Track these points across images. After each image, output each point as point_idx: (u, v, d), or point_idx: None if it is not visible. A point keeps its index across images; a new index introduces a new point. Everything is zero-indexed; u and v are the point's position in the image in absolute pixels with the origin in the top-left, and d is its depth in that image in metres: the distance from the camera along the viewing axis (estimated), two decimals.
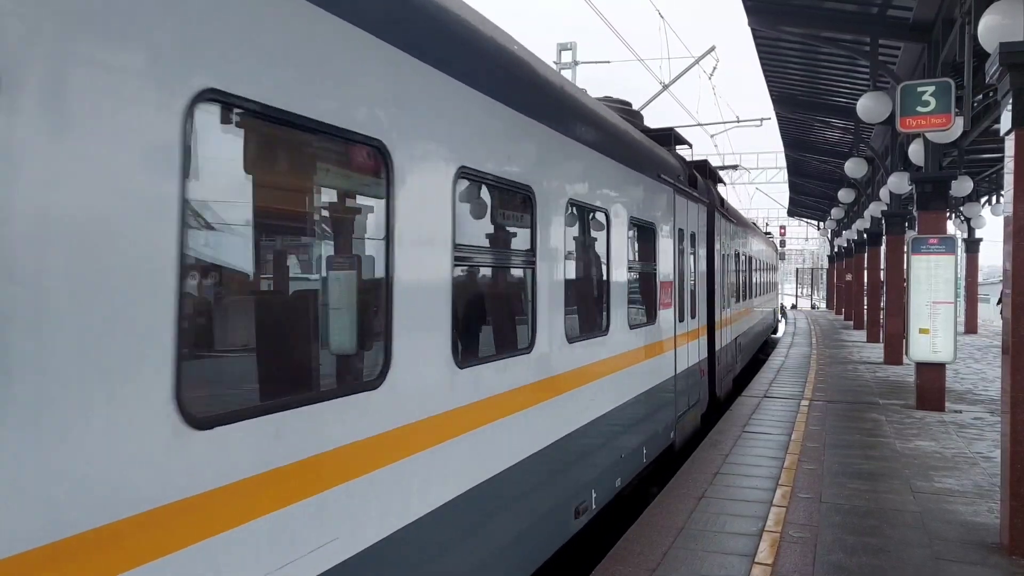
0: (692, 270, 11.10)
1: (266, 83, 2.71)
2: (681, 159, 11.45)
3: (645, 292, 8.52)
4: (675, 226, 9.77)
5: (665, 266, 9.18)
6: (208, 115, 2.54)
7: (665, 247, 9.23)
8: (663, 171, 9.13)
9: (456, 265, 4.19)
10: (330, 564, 3.08)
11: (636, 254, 8.18)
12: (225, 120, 2.70)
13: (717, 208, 13.73)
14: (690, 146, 12.63)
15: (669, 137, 11.37)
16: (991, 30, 7.69)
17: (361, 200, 3.75)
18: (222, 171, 2.88)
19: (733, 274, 16.29)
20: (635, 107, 11.38)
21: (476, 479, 4.43)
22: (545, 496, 5.53)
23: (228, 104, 2.59)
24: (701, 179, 12.36)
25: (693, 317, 11.05)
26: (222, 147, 2.83)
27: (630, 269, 7.65)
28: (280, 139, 3.11)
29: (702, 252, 12.11)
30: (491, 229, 5.14)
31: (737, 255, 17.18)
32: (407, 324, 3.66)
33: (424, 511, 3.82)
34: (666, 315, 9.20)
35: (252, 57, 2.65)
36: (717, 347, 13.26)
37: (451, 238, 4.11)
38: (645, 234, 8.54)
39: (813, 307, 62.56)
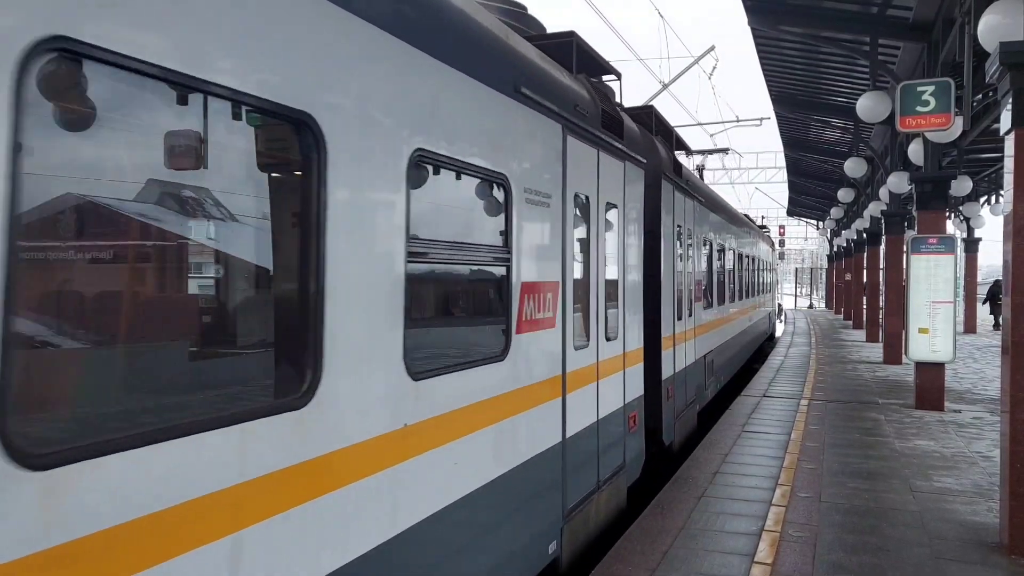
0: (608, 263, 7.12)
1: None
2: (596, 89, 7.13)
3: (479, 302, 5.23)
4: (564, 188, 5.90)
5: (535, 256, 5.42)
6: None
7: (535, 223, 5.42)
8: (534, 88, 5.30)
9: None
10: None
11: (451, 229, 4.68)
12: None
13: (667, 175, 9.47)
14: (617, 76, 7.99)
15: (568, 46, 6.79)
16: (991, 30, 7.69)
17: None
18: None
19: (703, 272, 12.87)
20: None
21: None
22: None
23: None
24: (635, 126, 8.30)
25: (612, 338, 7.10)
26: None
27: (425, 258, 4.04)
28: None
29: (633, 238, 7.96)
30: None
31: (709, 245, 13.53)
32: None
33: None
34: (538, 340, 5.41)
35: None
36: (667, 374, 9.50)
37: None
38: (478, 194, 4.90)
39: (811, 307, 62.47)
